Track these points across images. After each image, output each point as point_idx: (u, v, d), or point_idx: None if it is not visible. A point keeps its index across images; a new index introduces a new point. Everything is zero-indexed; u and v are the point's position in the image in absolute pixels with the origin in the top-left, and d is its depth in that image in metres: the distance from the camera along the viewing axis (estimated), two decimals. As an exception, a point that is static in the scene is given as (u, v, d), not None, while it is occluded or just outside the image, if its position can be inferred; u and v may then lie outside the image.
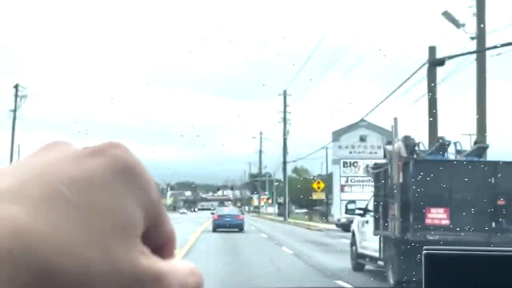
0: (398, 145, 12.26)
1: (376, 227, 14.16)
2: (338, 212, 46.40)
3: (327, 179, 49.06)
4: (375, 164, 15.23)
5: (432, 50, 22.62)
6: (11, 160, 30.70)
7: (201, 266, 0.39)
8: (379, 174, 14.37)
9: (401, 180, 12.19)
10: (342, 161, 51.82)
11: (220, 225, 33.38)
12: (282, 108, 51.79)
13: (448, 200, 11.87)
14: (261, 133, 67.98)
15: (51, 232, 0.29)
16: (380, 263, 14.39)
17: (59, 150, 0.35)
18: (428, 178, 11.82)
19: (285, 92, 49.21)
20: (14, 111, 34.07)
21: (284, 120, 48.62)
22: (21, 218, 0.29)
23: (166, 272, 0.34)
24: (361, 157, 51.73)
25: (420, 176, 11.94)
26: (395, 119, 12.36)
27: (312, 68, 48.09)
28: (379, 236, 14.11)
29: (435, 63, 23.36)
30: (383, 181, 13.85)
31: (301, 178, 68.38)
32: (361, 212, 16.24)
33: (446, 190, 11.92)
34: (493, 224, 11.69)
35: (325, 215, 47.70)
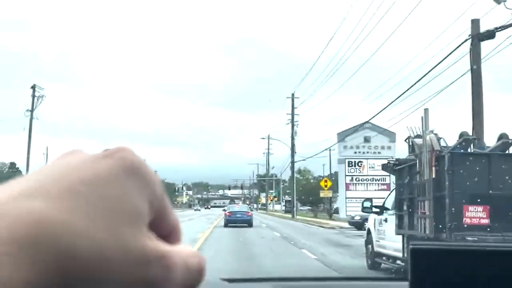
0: (431, 137, 10.40)
1: (400, 226, 12.47)
2: (343, 210, 45.77)
3: (332, 178, 47.77)
4: (397, 160, 13.39)
5: (475, 23, 18.04)
6: (27, 159, 31.60)
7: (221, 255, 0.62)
8: (402, 170, 12.70)
9: (434, 175, 10.34)
10: (347, 160, 50.88)
11: (231, 221, 33.35)
12: (290, 111, 50.12)
13: (487, 197, 10.00)
14: (269, 136, 67.13)
15: (69, 221, 0.32)
16: (400, 262, 12.84)
17: (75, 155, 0.38)
18: (465, 173, 9.93)
19: (293, 95, 48.05)
20: (31, 111, 33.56)
21: (292, 121, 47.16)
22: (43, 210, 0.31)
23: (171, 252, 0.36)
24: (365, 157, 50.91)
25: (457, 171, 10.11)
26: (426, 110, 10.55)
27: (320, 71, 46.96)
28: (402, 235, 12.40)
29: (482, 36, 17.78)
30: (408, 177, 12.20)
31: (306, 177, 68.21)
32: (377, 210, 14.83)
33: (486, 186, 10.14)
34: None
35: (332, 213, 46.34)
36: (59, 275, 0.30)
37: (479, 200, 10.04)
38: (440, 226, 9.98)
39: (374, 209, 15.17)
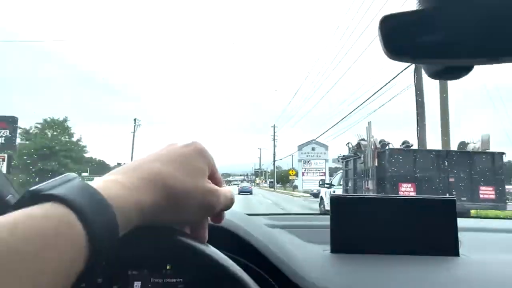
0: (375, 139, 8.40)
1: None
2: (301, 186, 44.95)
3: (295, 169, 46.55)
4: (344, 156, 11.31)
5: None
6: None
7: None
8: (348, 162, 10.84)
9: (376, 164, 8.54)
10: (303, 160, 49.46)
11: (241, 191, 32.73)
12: (273, 134, 48.39)
13: (414, 178, 8.14)
14: (260, 149, 66.49)
15: (171, 172, 0.35)
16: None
17: (173, 145, 0.40)
18: (399, 162, 8.09)
19: (274, 125, 46.31)
20: (133, 133, 31.46)
21: (274, 141, 45.56)
22: (159, 167, 0.35)
23: (219, 189, 0.38)
24: (312, 159, 49.46)
25: (393, 160, 8.24)
26: (369, 122, 8.73)
27: (294, 106, 45.22)
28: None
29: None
30: (353, 166, 10.32)
31: (280, 169, 67.00)
32: (328, 185, 13.11)
33: (413, 171, 8.21)
34: (447, 196, 7.55)
35: (294, 187, 45.61)
36: (166, 198, 0.34)
37: (408, 180, 8.15)
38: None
39: (325, 185, 13.47)
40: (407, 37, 0.31)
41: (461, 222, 0.68)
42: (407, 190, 7.95)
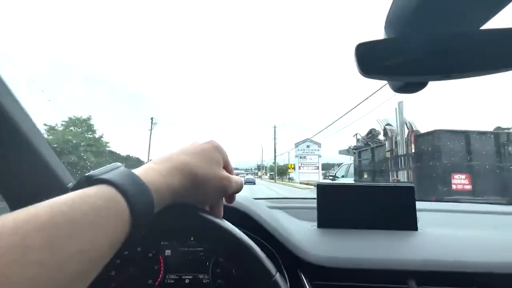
0: (410, 121, 5.48)
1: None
2: (297, 178, 42.98)
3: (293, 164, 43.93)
4: (355, 147, 8.65)
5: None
6: (148, 156, 25.59)
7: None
8: (362, 152, 8.14)
9: (413, 150, 5.82)
10: (299, 156, 47.46)
11: (246, 182, 30.30)
12: (274, 133, 45.69)
13: (468, 167, 5.33)
14: (262, 146, 64.16)
15: (195, 162, 0.36)
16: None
17: (196, 143, 0.40)
18: (448, 148, 4.83)
19: (275, 126, 43.66)
20: (150, 130, 27.59)
21: (274, 139, 43.01)
22: (185, 159, 0.36)
23: (231, 176, 0.39)
24: (307, 154, 46.95)
25: (441, 145, 5.33)
26: (400, 103, 5.72)
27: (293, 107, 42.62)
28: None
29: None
30: (370, 156, 7.55)
31: (278, 164, 64.74)
32: (332, 177, 10.83)
33: (467, 158, 5.35)
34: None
35: (290, 179, 44.19)
36: (191, 183, 0.35)
37: (463, 169, 5.26)
38: (432, 191, 4.94)
39: (330, 177, 11.37)
40: (376, 60, 0.35)
41: (420, 204, 0.76)
42: (460, 183, 5.07)
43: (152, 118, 30.92)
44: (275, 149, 42.61)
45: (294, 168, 43.90)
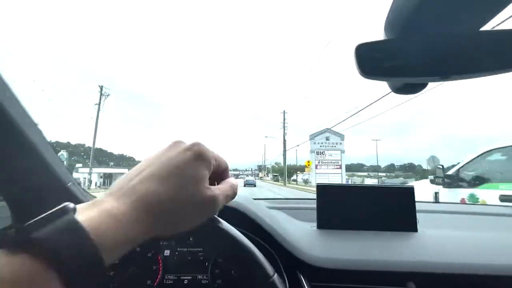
0: None
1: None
2: (314, 181, 36.44)
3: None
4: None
5: None
6: (94, 140, 19.12)
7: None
8: None
9: None
10: (316, 151, 40.65)
11: (246, 184, 28.51)
12: (283, 120, 36.01)
13: None
14: (265, 145, 57.42)
15: (166, 192, 0.30)
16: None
17: (176, 147, 0.34)
18: None
19: (284, 111, 33.54)
20: (98, 105, 21.03)
21: (284, 127, 33.88)
22: (154, 188, 0.30)
23: (218, 194, 0.34)
24: (326, 149, 35.49)
25: None
26: None
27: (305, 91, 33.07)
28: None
29: None
30: None
31: (279, 165, 56.52)
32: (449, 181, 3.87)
33: None
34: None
35: (306, 182, 37.73)
36: (163, 220, 0.30)
37: None
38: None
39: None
40: (375, 61, 0.35)
41: (419, 205, 0.74)
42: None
43: (101, 87, 21.49)
44: (284, 140, 33.29)
45: (312, 167, 33.93)
